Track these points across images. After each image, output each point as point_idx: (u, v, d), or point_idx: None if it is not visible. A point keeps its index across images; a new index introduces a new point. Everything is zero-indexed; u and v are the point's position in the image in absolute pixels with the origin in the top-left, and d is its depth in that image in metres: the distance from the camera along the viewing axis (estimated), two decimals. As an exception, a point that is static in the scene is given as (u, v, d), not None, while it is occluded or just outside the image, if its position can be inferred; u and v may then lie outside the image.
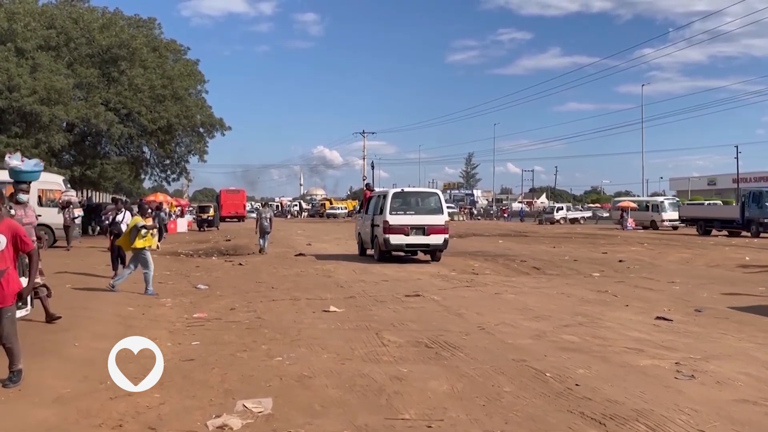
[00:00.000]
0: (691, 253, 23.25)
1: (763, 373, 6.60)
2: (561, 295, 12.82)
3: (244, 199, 72.42)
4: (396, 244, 19.63)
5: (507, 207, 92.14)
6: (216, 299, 12.23)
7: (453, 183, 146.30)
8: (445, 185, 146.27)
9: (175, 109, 38.60)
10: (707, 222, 37.56)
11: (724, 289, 13.45)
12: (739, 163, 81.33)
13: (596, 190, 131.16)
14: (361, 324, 9.46)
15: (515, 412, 5.33)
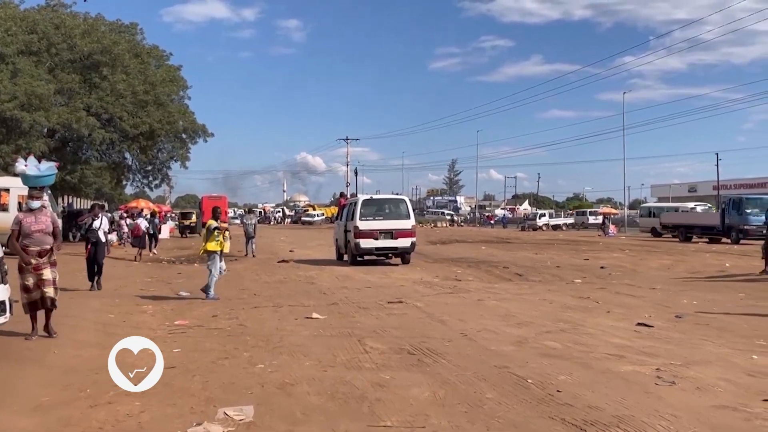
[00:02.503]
0: (672, 259, 23.42)
1: (742, 379, 6.65)
2: (543, 301, 12.87)
3: (226, 205, 72.16)
4: (366, 247, 20.58)
5: (493, 214, 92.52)
6: (198, 306, 12.16)
7: (436, 189, 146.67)
8: (429, 192, 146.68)
9: (157, 114, 38.42)
10: (688, 229, 37.85)
11: (705, 296, 13.55)
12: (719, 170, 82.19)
13: (578, 197, 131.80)
14: (343, 331, 9.44)
15: (497, 419, 5.34)
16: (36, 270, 8.52)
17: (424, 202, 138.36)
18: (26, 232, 8.57)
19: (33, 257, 8.53)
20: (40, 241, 8.62)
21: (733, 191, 71.00)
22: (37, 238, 8.60)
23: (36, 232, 8.59)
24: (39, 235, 8.60)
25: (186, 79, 43.85)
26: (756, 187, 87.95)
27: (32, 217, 8.70)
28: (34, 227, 8.61)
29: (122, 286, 15.41)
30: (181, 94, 43.32)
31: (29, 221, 8.64)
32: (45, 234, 8.67)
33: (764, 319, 10.72)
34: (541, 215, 69.83)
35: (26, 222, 8.62)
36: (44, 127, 33.44)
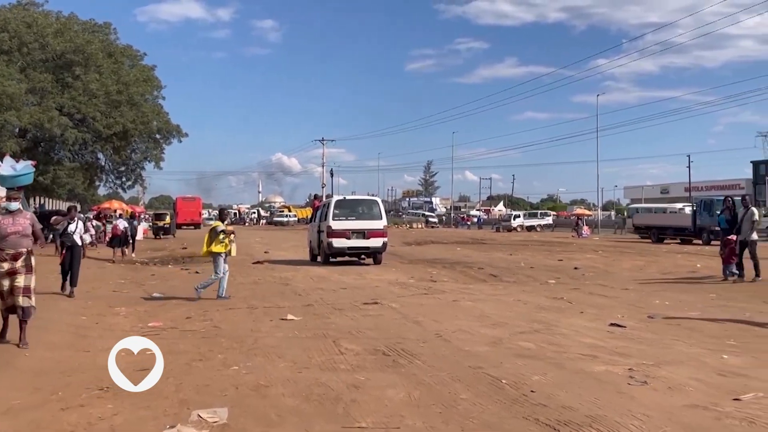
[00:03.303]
0: (645, 260, 23.65)
1: (713, 378, 6.74)
2: (517, 302, 12.94)
3: (200, 206, 71.97)
4: (338, 247, 20.97)
5: (469, 215, 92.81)
6: (172, 308, 12.08)
7: (412, 191, 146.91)
8: (404, 193, 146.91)
9: (130, 114, 38.15)
10: (660, 230, 38.25)
11: (676, 296, 13.70)
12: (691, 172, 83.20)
13: (553, 198, 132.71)
14: (318, 332, 9.43)
15: (471, 419, 5.36)
16: (10, 274, 8.34)
17: (399, 203, 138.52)
18: (2, 234, 8.35)
19: (7, 261, 8.32)
20: (16, 244, 8.41)
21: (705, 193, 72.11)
22: (13, 240, 8.39)
23: (12, 234, 8.38)
24: (15, 238, 8.39)
25: (160, 79, 43.67)
26: (727, 188, 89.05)
27: (10, 218, 8.49)
28: (11, 229, 8.39)
29: (95, 288, 15.27)
30: (155, 94, 43.09)
31: (6, 223, 8.42)
32: (21, 236, 8.46)
33: (734, 318, 10.87)
34: (515, 216, 70.11)
35: (3, 224, 8.41)
36: (15, 126, 33.06)
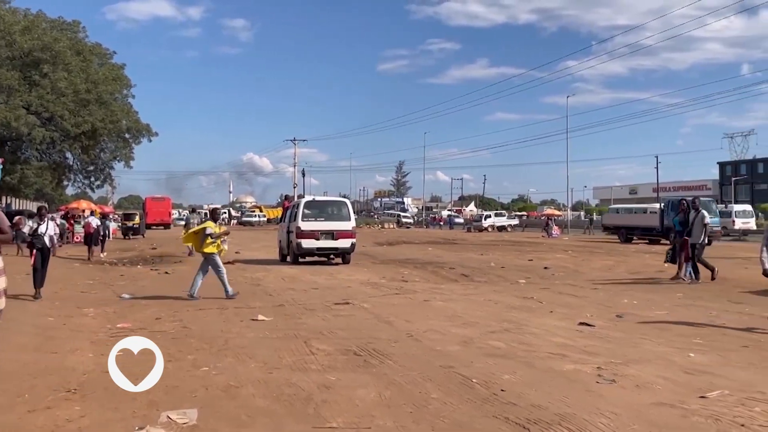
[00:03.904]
0: (614, 260, 23.92)
1: (680, 376, 6.83)
2: (488, 301, 13.02)
3: (170, 206, 71.39)
4: (307, 247, 21.26)
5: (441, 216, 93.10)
6: (141, 309, 11.97)
7: (384, 191, 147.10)
8: (376, 193, 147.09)
9: (99, 113, 37.76)
10: (629, 230, 38.68)
11: (644, 296, 13.88)
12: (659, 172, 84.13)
13: (523, 198, 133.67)
14: (289, 332, 9.40)
15: (442, 419, 5.38)
16: None
17: (371, 203, 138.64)
18: None
19: None
20: None
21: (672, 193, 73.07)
22: None
23: None
24: None
25: (130, 77, 43.30)
26: (694, 189, 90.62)
27: None
28: None
29: (62, 289, 15.07)
30: (124, 92, 42.76)
31: None
32: None
33: (700, 318, 11.03)
34: (486, 216, 70.49)
35: None
36: (-19, 125, 32.52)
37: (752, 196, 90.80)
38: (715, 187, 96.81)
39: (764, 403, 5.78)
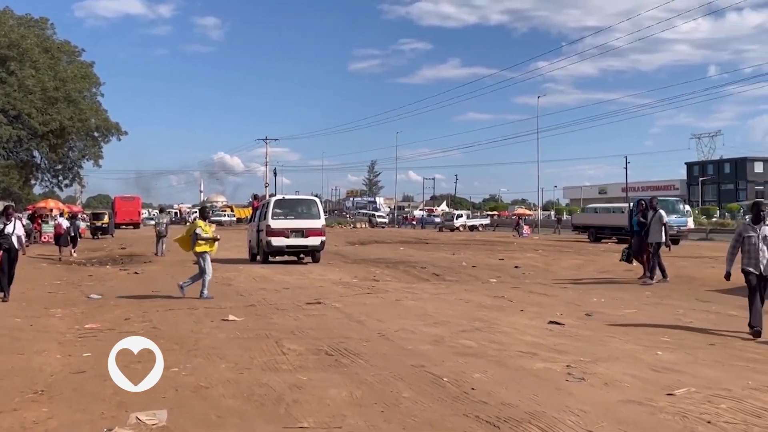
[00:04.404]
0: (583, 259, 24.13)
1: (647, 374, 6.92)
2: (459, 300, 13.07)
3: (140, 206, 70.70)
4: (277, 246, 21.35)
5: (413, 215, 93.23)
6: (110, 309, 11.84)
7: (356, 190, 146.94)
8: (348, 192, 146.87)
9: (68, 111, 37.29)
10: (598, 229, 39.04)
11: (613, 294, 14.03)
12: (628, 172, 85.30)
13: (494, 198, 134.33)
14: (260, 332, 9.36)
15: (413, 418, 5.39)
16: None
17: (343, 203, 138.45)
18: None
19: None
20: None
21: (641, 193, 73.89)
22: None
23: None
24: None
25: (99, 75, 42.78)
26: (662, 189, 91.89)
27: None
28: None
29: (30, 289, 14.86)
30: (93, 91, 42.25)
31: None
32: None
33: (668, 316, 11.19)
34: (458, 216, 70.75)
35: None
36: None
37: (719, 196, 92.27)
38: (683, 187, 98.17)
39: (730, 400, 5.87)
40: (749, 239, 9.43)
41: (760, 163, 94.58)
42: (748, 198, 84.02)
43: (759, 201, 10.26)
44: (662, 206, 33.56)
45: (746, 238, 9.47)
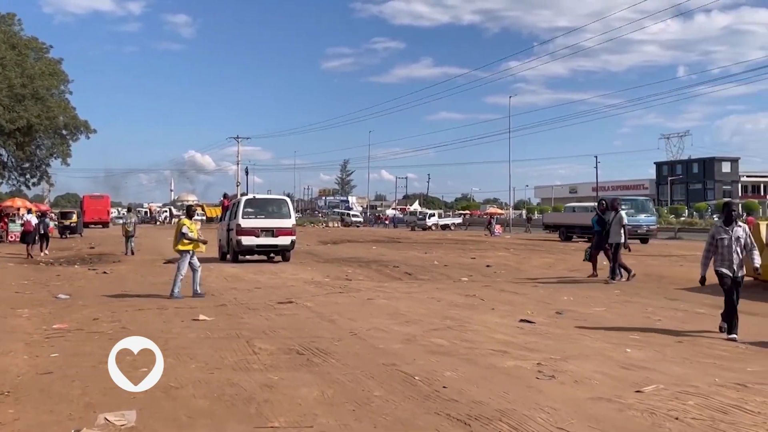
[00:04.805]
0: (554, 258, 24.32)
1: (617, 371, 6.99)
2: (431, 299, 13.10)
3: (108, 204, 70.02)
4: (247, 245, 21.39)
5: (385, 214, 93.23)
6: (78, 309, 11.69)
7: (328, 189, 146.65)
8: (321, 191, 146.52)
9: (35, 109, 36.78)
10: (569, 228, 39.36)
11: (583, 293, 14.16)
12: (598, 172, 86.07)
13: (467, 197, 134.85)
14: (231, 332, 9.30)
15: (384, 416, 5.40)
16: None
17: (316, 202, 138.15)
18: None
19: None
20: None
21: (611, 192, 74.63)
22: None
23: None
24: None
25: (67, 73, 42.22)
26: (632, 188, 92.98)
27: None
28: None
29: (5, 288, 14.64)
30: (61, 88, 41.68)
31: None
32: None
33: (637, 314, 11.31)
34: (430, 215, 70.96)
35: None
36: None
37: (687, 196, 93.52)
38: (652, 187, 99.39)
39: (697, 396, 5.95)
40: (722, 241, 9.38)
41: (728, 163, 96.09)
42: (715, 197, 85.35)
43: (730, 201, 10.29)
44: (632, 206, 34.13)
45: (719, 240, 9.42)
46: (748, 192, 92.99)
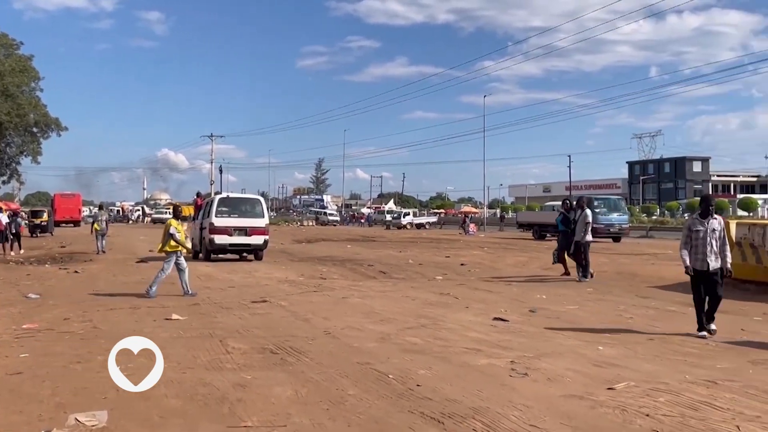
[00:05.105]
0: (527, 256, 24.45)
1: (589, 369, 7.05)
2: (406, 298, 13.12)
3: (80, 203, 69.18)
4: (220, 243, 21.37)
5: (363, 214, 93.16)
6: (48, 309, 11.54)
7: (303, 188, 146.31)
8: (295, 190, 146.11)
9: (5, 106, 36.31)
10: (542, 227, 39.59)
11: (556, 291, 14.26)
12: (571, 171, 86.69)
13: (441, 196, 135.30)
14: (204, 331, 9.24)
15: (358, 415, 5.39)
16: None
17: (290, 200, 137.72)
18: None
19: None
20: None
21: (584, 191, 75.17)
22: None
23: None
24: None
25: (38, 69, 41.71)
26: (604, 187, 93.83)
27: None
28: None
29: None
30: (32, 85, 41.21)
31: None
32: None
33: (609, 312, 11.41)
34: (405, 214, 71.10)
35: None
36: None
37: (659, 195, 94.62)
38: (625, 186, 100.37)
39: (668, 393, 6.02)
40: (697, 233, 9.30)
41: (699, 162, 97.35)
42: (687, 197, 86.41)
43: (708, 195, 10.34)
44: (605, 205, 34.39)
45: (694, 233, 9.34)
46: (718, 191, 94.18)
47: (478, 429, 5.07)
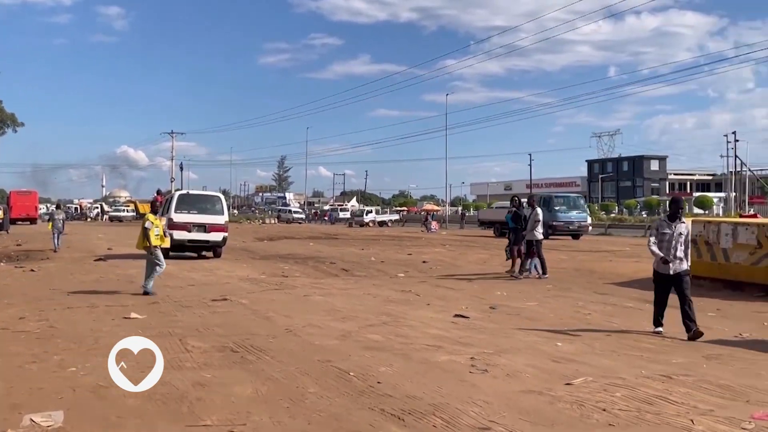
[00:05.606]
0: (489, 254, 24.65)
1: (547, 364, 7.14)
2: (367, 295, 13.14)
3: (36, 200, 68.00)
4: (178, 239, 21.01)
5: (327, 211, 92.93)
6: (3, 308, 11.31)
7: (265, 186, 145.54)
8: (258, 188, 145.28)
9: (-42, 101, 35.44)
10: (503, 225, 39.87)
11: (516, 287, 14.40)
12: (532, 169, 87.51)
13: (404, 194, 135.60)
14: (164, 330, 9.14)
15: (318, 413, 5.39)
16: None
17: (252, 198, 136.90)
18: None
19: None
20: None
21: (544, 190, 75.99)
22: None
23: None
24: None
25: (-8, 64, 40.85)
26: (564, 185, 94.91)
27: None
28: None
29: None
30: (-14, 80, 40.27)
31: None
32: None
33: (568, 308, 11.57)
34: (367, 212, 71.16)
35: None
36: None
37: (618, 193, 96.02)
38: (584, 184, 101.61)
39: (624, 388, 6.12)
40: (663, 235, 9.33)
41: (656, 161, 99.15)
42: (645, 195, 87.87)
43: (679, 198, 10.30)
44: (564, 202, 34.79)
45: (661, 234, 9.37)
46: (675, 189, 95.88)
47: (438, 425, 5.10)
